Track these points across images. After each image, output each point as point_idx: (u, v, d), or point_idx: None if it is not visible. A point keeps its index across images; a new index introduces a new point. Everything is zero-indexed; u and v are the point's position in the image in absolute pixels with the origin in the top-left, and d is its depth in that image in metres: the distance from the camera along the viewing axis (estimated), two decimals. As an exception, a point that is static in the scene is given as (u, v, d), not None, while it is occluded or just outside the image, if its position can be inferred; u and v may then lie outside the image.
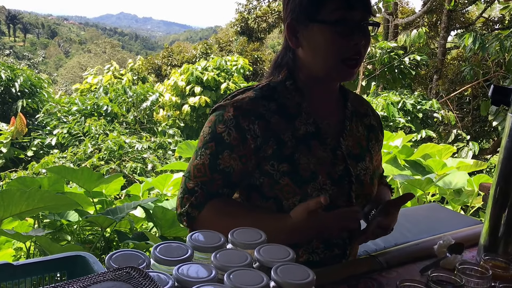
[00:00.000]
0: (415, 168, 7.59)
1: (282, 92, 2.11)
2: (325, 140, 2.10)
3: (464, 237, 2.26)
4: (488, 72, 15.33)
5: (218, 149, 2.00)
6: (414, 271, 1.99)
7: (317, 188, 2.02)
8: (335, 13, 1.94)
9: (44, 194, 4.40)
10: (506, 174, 1.99)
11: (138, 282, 1.22)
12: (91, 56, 70.21)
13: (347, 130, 2.19)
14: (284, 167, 2.01)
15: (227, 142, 1.99)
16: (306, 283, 1.33)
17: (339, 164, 2.10)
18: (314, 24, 1.99)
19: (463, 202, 6.92)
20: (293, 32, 2.06)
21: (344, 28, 1.95)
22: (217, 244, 1.50)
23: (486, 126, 17.68)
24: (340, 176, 2.09)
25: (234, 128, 1.99)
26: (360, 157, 2.21)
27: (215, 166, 2.00)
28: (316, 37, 2.00)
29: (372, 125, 2.36)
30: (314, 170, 2.03)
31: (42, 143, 13.72)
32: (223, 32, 40.10)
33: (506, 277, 1.72)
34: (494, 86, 2.05)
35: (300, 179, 2.01)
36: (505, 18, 19.19)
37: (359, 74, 15.28)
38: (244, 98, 2.05)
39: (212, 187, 2.02)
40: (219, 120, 2.01)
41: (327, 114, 2.17)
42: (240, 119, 1.99)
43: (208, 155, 2.01)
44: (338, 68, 2.02)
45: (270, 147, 2.01)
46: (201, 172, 2.02)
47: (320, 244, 2.11)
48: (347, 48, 1.98)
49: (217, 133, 2.01)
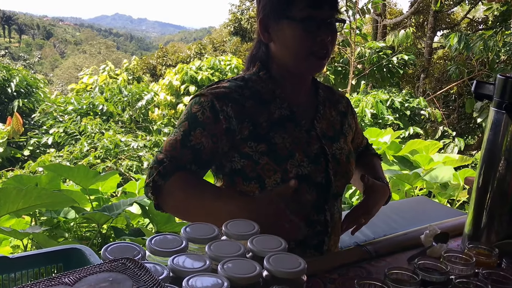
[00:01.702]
0: (403, 164, 7.65)
1: (256, 81, 2.20)
2: (300, 122, 2.18)
3: (449, 227, 2.30)
4: (473, 71, 15.39)
5: (191, 127, 2.05)
6: (402, 260, 2.01)
7: (295, 165, 2.08)
8: (303, 11, 2.02)
9: (40, 192, 4.37)
10: (488, 165, 2.01)
11: (133, 273, 1.22)
12: (86, 56, 69.57)
13: (321, 114, 2.28)
14: (262, 147, 2.07)
15: (200, 120, 2.05)
16: (297, 271, 1.38)
17: (314, 143, 2.17)
18: (284, 20, 2.07)
19: (449, 196, 7.01)
20: (265, 27, 2.14)
21: (311, 25, 2.03)
22: (211, 235, 1.54)
23: (471, 123, 17.62)
24: (316, 155, 2.15)
25: (208, 108, 2.05)
26: (334, 138, 2.28)
27: (186, 142, 2.04)
28: (286, 32, 2.08)
29: (344, 112, 2.45)
30: (290, 148, 2.09)
31: (38, 142, 13.73)
32: (217, 33, 39.88)
33: (489, 264, 1.75)
34: (477, 81, 2.08)
35: (278, 157, 2.07)
36: (489, 19, 19.30)
37: (349, 73, 15.44)
38: (219, 86, 2.13)
39: (181, 160, 2.04)
40: (195, 102, 2.09)
41: (300, 100, 2.25)
42: (215, 101, 2.06)
43: (181, 132, 2.05)
44: (307, 60, 2.11)
45: (245, 128, 2.07)
46: (172, 147, 2.05)
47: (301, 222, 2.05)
48: (314, 43, 2.06)
49: (192, 113, 2.07)
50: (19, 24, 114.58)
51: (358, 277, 1.61)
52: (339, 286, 1.79)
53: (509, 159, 1.95)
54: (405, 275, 1.58)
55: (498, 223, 2.01)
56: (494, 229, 2.02)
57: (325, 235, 2.21)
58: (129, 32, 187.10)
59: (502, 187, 1.98)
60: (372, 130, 9.62)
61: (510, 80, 1.92)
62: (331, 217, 2.24)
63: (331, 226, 2.23)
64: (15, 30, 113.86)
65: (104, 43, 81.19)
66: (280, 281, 1.36)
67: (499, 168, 1.97)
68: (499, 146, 1.96)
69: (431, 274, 1.59)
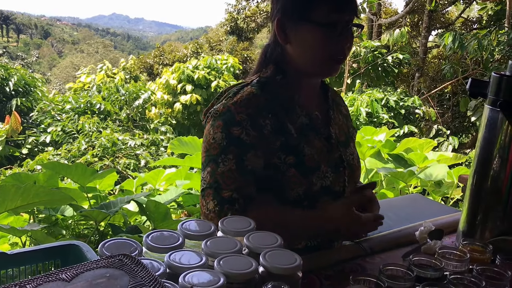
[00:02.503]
0: (398, 161, 7.65)
1: (275, 86, 2.11)
2: (319, 130, 2.14)
3: (443, 224, 2.29)
4: (467, 70, 15.46)
5: (241, 151, 1.94)
6: (397, 257, 2.00)
7: (320, 177, 2.05)
8: (326, 16, 1.98)
9: (39, 189, 4.31)
10: (483, 163, 2.02)
11: (130, 269, 1.23)
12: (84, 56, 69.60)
13: (333, 119, 2.23)
14: (291, 159, 2.01)
15: (248, 142, 1.95)
16: (293, 267, 1.40)
17: (334, 152, 2.15)
18: (305, 23, 2.02)
19: (443, 193, 7.03)
20: (283, 28, 2.06)
21: (333, 30, 1.99)
22: (208, 232, 1.54)
23: (465, 122, 17.58)
24: (336, 164, 2.14)
25: (250, 127, 1.96)
26: (346, 143, 2.26)
27: (243, 168, 1.94)
28: (306, 35, 2.04)
29: (347, 115, 2.43)
30: (318, 160, 2.06)
31: (36, 141, 13.69)
32: (213, 32, 39.84)
33: (483, 260, 1.77)
34: (472, 79, 2.08)
35: (305, 169, 2.03)
36: (483, 18, 19.44)
37: (344, 72, 15.51)
38: (248, 95, 2.03)
39: (248, 190, 1.95)
40: (231, 123, 1.96)
41: (314, 105, 2.20)
42: (254, 117, 1.97)
43: (233, 160, 1.93)
44: (325, 64, 2.07)
45: (278, 139, 2.01)
46: (232, 178, 1.93)
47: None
48: (333, 49, 2.03)
49: (234, 136, 1.95)
50: (17, 23, 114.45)
51: (353, 273, 1.63)
52: (334, 282, 1.79)
53: (503, 156, 1.95)
54: (400, 271, 1.59)
55: (493, 220, 2.02)
56: (488, 226, 2.03)
57: (336, 240, 2.24)
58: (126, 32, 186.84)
59: (496, 184, 1.98)
60: (367, 129, 9.61)
61: (505, 78, 1.92)
62: None
63: None
64: (13, 29, 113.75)
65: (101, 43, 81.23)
66: (276, 277, 1.36)
67: (494, 165, 1.97)
68: (493, 143, 1.97)
69: (426, 270, 1.60)
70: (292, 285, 1.34)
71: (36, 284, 1.15)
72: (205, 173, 1.98)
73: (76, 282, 1.17)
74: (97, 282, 1.18)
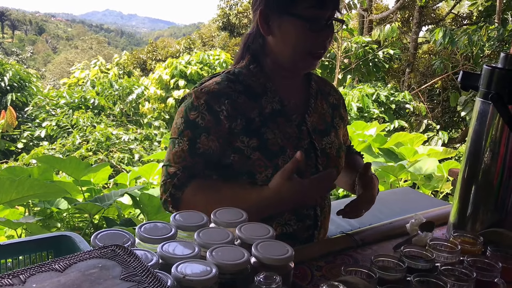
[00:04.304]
0: (388, 156, 7.77)
1: (247, 75, 2.14)
2: (291, 117, 2.15)
3: (434, 216, 2.30)
4: (457, 65, 15.59)
5: (195, 134, 2.01)
6: (388, 248, 2.02)
7: (286, 160, 2.03)
8: (309, 10, 1.98)
9: (33, 182, 4.40)
10: (474, 155, 2.02)
11: (123, 259, 1.23)
12: (78, 52, 69.29)
13: (312, 108, 2.24)
14: (254, 142, 2.04)
15: (202, 126, 2.01)
16: (285, 258, 1.40)
17: (304, 138, 2.15)
18: (288, 16, 2.02)
19: (433, 187, 7.08)
20: (265, 19, 2.07)
21: (316, 25, 2.00)
22: (200, 223, 1.55)
23: (455, 117, 17.95)
24: (306, 150, 2.13)
25: (206, 112, 2.02)
26: (325, 132, 2.26)
27: (195, 150, 2.01)
28: (288, 29, 2.04)
29: (336, 104, 2.41)
30: (282, 144, 2.07)
31: (31, 136, 13.73)
32: (205, 28, 39.79)
33: (474, 252, 1.77)
34: (463, 72, 2.08)
35: (270, 153, 2.05)
36: (473, 14, 19.60)
37: (335, 68, 15.54)
38: (211, 83, 2.08)
39: (193, 170, 2.02)
40: (190, 108, 2.04)
41: (292, 93, 2.21)
42: (210, 102, 2.02)
43: (186, 142, 2.02)
44: (304, 59, 2.09)
45: (239, 124, 2.04)
46: (181, 158, 2.02)
47: (292, 216, 2.14)
48: (314, 43, 2.04)
49: (190, 120, 2.03)
50: (11, 20, 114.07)
51: (345, 264, 1.59)
52: (326, 273, 1.80)
53: (494, 149, 1.96)
54: (391, 262, 1.60)
55: (483, 212, 2.03)
56: (479, 218, 2.04)
57: (315, 228, 2.22)
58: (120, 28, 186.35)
59: (487, 177, 1.99)
60: (358, 124, 9.72)
61: (497, 71, 1.93)
62: (321, 211, 2.25)
63: (320, 220, 2.25)
64: (8, 26, 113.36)
65: (95, 39, 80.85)
66: (268, 267, 1.36)
67: (485, 157, 1.98)
68: (484, 136, 1.97)
69: (417, 261, 1.60)
70: (284, 276, 1.34)
71: (29, 274, 1.15)
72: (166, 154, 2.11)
73: (68, 272, 1.17)
74: (90, 273, 1.17)
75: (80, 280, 1.15)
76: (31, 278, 1.14)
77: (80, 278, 1.15)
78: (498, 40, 13.92)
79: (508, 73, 1.93)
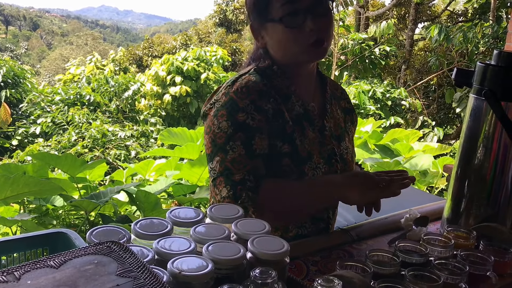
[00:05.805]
0: (384, 152, 7.78)
1: (272, 75, 2.10)
2: (313, 121, 2.13)
3: (429, 211, 2.31)
4: (452, 62, 15.72)
5: (249, 136, 1.95)
6: (383, 243, 2.03)
7: (312, 167, 2.05)
8: (280, 9, 1.95)
9: (28, 180, 4.37)
10: (468, 151, 2.03)
11: (118, 255, 1.23)
12: (73, 48, 69.10)
13: (328, 113, 2.22)
14: (285, 148, 2.01)
15: (254, 126, 1.96)
16: (280, 253, 1.39)
17: (327, 144, 2.15)
18: (268, 23, 2.02)
19: (429, 183, 7.14)
20: (256, 32, 2.10)
21: (293, 20, 1.95)
22: (196, 219, 1.54)
23: (450, 113, 18.05)
24: (329, 156, 2.14)
25: (255, 112, 1.97)
26: (340, 137, 2.25)
27: (252, 152, 1.95)
28: (274, 34, 2.03)
29: (348, 108, 2.41)
30: (309, 150, 2.06)
31: (26, 132, 13.70)
32: (202, 24, 39.68)
33: (467, 246, 1.79)
34: (457, 68, 2.09)
35: (298, 159, 2.03)
36: (468, 11, 19.69)
37: (332, 64, 15.59)
38: (247, 82, 2.02)
39: (258, 171, 1.96)
40: (236, 110, 1.96)
41: (310, 97, 2.19)
42: (257, 102, 1.98)
43: (241, 146, 1.94)
44: (305, 52, 2.03)
45: (280, 124, 2.02)
46: (242, 163, 1.93)
47: (307, 219, 2.15)
48: (305, 36, 1.97)
49: (240, 122, 1.95)
50: (5, 15, 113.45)
51: (340, 259, 1.63)
52: (321, 268, 1.81)
53: (487, 145, 1.97)
54: (386, 257, 1.62)
55: (477, 207, 2.04)
56: (472, 213, 2.06)
57: (327, 231, 2.24)
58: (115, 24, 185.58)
59: (480, 172, 2.01)
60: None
61: (490, 67, 1.94)
62: (333, 214, 2.29)
63: (331, 222, 2.28)
64: (1, 21, 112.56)
65: (90, 35, 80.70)
66: (264, 263, 1.36)
67: (478, 153, 1.99)
68: (478, 132, 1.99)
69: (411, 256, 1.62)
70: (279, 271, 1.34)
71: (24, 271, 1.14)
72: (214, 163, 1.98)
73: (64, 268, 1.17)
74: (85, 269, 1.17)
75: (76, 276, 1.14)
76: (26, 274, 1.14)
77: (75, 275, 1.15)
78: (492, 37, 14.05)
79: (501, 70, 1.94)
